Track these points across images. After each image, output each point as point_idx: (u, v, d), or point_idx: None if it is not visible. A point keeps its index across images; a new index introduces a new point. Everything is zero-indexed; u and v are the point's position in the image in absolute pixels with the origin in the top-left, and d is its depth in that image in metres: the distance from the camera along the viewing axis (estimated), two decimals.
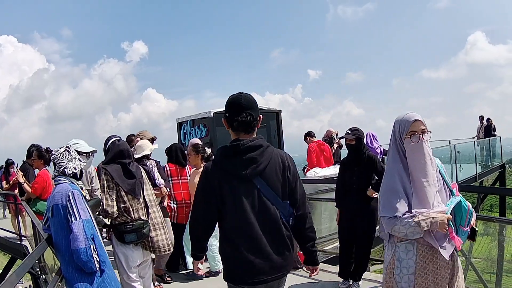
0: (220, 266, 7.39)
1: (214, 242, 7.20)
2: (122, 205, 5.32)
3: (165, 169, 7.86)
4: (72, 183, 4.62)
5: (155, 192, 6.40)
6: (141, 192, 5.57)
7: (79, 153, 5.06)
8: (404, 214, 3.40)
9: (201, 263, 4.52)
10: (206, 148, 7.55)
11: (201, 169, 4.59)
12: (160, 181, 6.94)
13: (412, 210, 3.37)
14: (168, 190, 7.52)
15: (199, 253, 3.75)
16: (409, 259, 3.44)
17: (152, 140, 8.61)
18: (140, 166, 5.86)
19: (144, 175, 5.71)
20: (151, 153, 7.37)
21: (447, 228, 3.29)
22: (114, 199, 5.29)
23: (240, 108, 3.36)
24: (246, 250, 3.35)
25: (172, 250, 5.98)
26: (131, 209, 5.37)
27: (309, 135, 12.11)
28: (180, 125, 12.32)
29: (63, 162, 4.66)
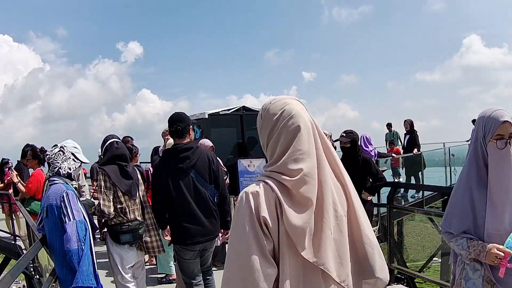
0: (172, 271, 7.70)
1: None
2: (119, 206, 5.26)
3: (148, 173, 7.69)
4: (67, 183, 4.61)
5: None
6: (137, 193, 5.53)
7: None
8: (462, 232, 3.06)
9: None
10: None
11: None
12: None
13: (485, 230, 2.90)
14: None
15: (163, 225, 5.47)
16: (475, 280, 3.02)
17: None
18: (135, 168, 5.81)
19: (138, 176, 5.69)
20: None
21: (497, 261, 2.79)
22: (111, 199, 5.23)
23: (172, 121, 5.17)
24: (186, 221, 5.06)
25: (164, 252, 5.97)
26: (127, 210, 5.31)
27: None
28: None
29: (58, 163, 4.65)
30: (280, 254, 1.93)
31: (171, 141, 5.74)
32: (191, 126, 5.28)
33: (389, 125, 18.16)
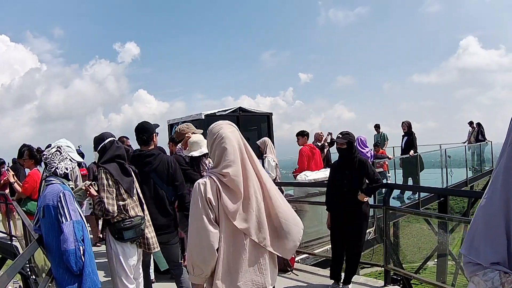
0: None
1: None
2: (122, 203, 5.22)
3: None
4: (63, 183, 4.62)
5: None
6: (134, 190, 5.47)
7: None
8: (494, 264, 2.23)
9: None
10: None
11: None
12: None
13: None
14: None
15: None
16: None
17: None
18: (130, 166, 5.71)
19: (133, 174, 5.68)
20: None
21: None
22: (114, 197, 5.20)
23: (139, 131, 5.88)
24: (150, 217, 5.60)
25: (159, 249, 5.95)
26: (129, 207, 5.29)
27: (301, 134, 11.94)
28: (171, 126, 12.33)
29: (55, 163, 4.66)
30: (219, 221, 3.23)
31: (198, 137, 6.43)
32: (154, 134, 6.06)
33: (377, 127, 18.18)
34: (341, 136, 6.51)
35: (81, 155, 10.07)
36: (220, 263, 3.23)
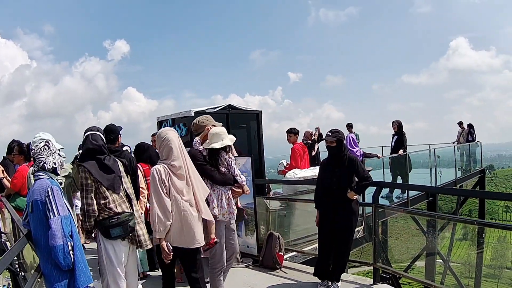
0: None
1: None
2: (103, 201, 5.11)
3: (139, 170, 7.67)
4: (52, 178, 4.61)
5: (237, 189, 6.18)
6: (121, 186, 5.38)
7: None
8: None
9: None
10: None
11: None
12: (241, 178, 6.25)
13: None
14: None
15: None
16: None
17: None
18: (117, 159, 5.61)
19: (121, 168, 5.60)
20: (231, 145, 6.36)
21: None
22: (93, 196, 5.10)
23: (107, 132, 6.18)
24: None
25: (151, 245, 5.86)
26: (113, 204, 5.17)
27: (293, 132, 11.90)
28: (160, 123, 12.26)
29: (43, 157, 4.64)
30: (170, 196, 5.08)
31: (219, 129, 6.17)
32: (119, 135, 6.69)
33: (349, 126, 18.08)
34: (330, 134, 6.49)
35: None
36: (173, 222, 5.09)
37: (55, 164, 4.68)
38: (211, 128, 6.27)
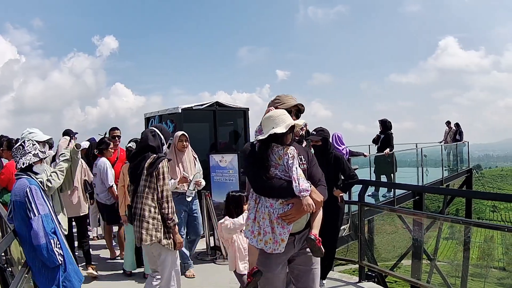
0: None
1: None
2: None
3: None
4: (31, 177, 4.62)
5: (298, 209, 5.98)
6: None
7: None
8: None
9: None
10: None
11: None
12: (302, 185, 5.56)
13: None
14: None
15: None
16: None
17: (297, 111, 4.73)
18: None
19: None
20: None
21: None
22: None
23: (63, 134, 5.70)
24: None
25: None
26: None
27: None
28: (147, 120, 12.21)
29: (17, 157, 4.68)
30: None
31: (279, 112, 5.09)
32: (72, 137, 6.08)
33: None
34: (315, 133, 6.49)
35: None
36: None
37: (29, 163, 4.70)
38: (269, 110, 4.31)
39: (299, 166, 3.95)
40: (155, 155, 5.33)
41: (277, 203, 3.83)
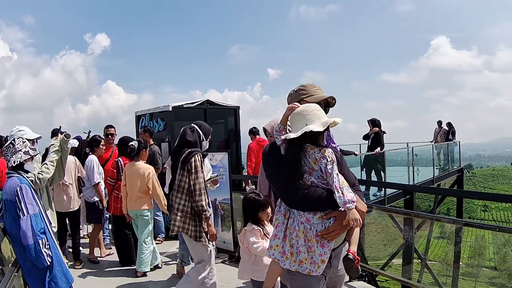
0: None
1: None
2: None
3: (119, 163, 8.02)
4: (22, 176, 4.61)
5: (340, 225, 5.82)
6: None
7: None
8: None
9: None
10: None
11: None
12: (346, 196, 4.76)
13: None
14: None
15: None
16: None
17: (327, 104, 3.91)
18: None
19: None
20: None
21: None
22: None
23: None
24: None
25: None
26: None
27: (251, 132, 12.15)
28: (138, 118, 12.22)
29: (8, 156, 4.67)
30: None
31: (310, 108, 4.10)
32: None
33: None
34: None
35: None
36: None
37: (19, 162, 4.69)
38: (295, 107, 3.43)
39: None
40: (189, 150, 5.55)
41: (315, 218, 3.19)
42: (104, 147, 8.80)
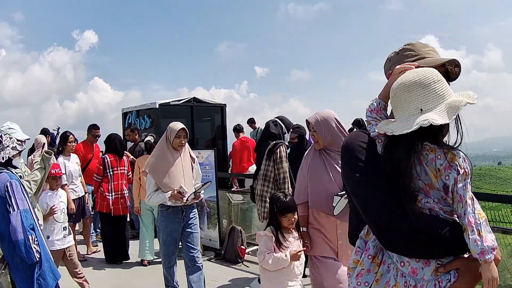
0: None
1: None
2: None
3: (105, 160, 8.00)
4: (11, 172, 4.61)
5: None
6: None
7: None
8: None
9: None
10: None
11: None
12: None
13: None
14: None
15: None
16: None
17: None
18: None
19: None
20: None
21: None
22: None
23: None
24: None
25: None
26: None
27: (235, 130, 12.23)
28: (125, 115, 12.18)
29: None
30: None
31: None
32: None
33: (251, 121, 15.15)
34: (292, 130, 6.49)
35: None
36: None
37: (3, 159, 4.69)
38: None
39: None
40: (274, 142, 5.91)
41: (427, 269, 1.88)
42: (73, 145, 8.55)
